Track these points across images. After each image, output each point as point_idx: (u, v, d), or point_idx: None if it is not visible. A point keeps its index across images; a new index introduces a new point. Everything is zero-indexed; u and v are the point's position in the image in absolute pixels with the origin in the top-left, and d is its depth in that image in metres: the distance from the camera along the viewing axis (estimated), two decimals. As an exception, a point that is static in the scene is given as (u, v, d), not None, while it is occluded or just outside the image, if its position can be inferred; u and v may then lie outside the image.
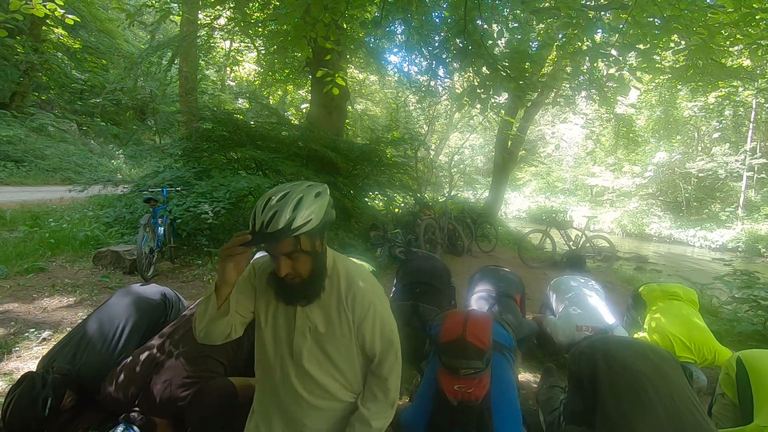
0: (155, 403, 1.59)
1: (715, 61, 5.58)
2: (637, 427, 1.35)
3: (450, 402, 1.47)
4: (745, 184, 17.00)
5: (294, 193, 1.21)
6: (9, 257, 4.08)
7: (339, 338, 1.33)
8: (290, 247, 1.21)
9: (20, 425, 1.51)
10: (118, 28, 16.70)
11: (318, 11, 3.33)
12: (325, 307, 1.33)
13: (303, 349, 1.32)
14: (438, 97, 10.55)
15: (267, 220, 1.18)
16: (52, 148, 12.21)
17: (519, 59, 3.97)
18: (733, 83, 9.32)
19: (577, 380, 1.67)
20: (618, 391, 1.44)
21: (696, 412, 1.39)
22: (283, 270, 1.23)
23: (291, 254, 1.23)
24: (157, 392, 1.59)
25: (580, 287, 2.91)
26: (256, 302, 1.38)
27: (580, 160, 24.67)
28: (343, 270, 1.36)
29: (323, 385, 1.34)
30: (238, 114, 7.36)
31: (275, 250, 1.23)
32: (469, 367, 1.48)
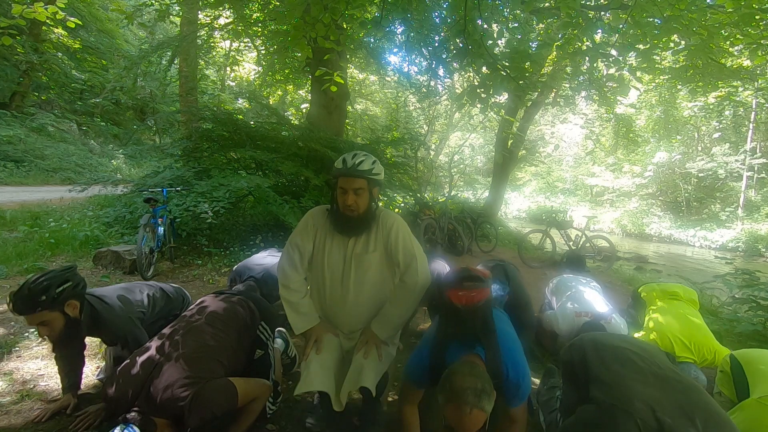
0: (155, 404, 1.59)
1: (715, 61, 5.58)
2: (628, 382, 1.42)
3: (457, 308, 1.64)
4: (745, 184, 17.00)
5: (371, 155, 1.80)
6: (9, 257, 4.08)
7: (377, 264, 1.87)
8: (362, 185, 1.75)
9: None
10: (118, 28, 16.71)
11: (318, 11, 3.33)
12: (367, 237, 1.85)
13: (351, 267, 1.84)
14: (438, 97, 10.56)
15: (357, 162, 1.74)
16: (52, 148, 12.21)
17: (519, 59, 3.96)
18: (733, 83, 9.32)
19: (570, 371, 1.71)
20: (607, 362, 1.53)
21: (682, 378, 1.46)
22: (350, 200, 1.75)
23: (358, 190, 1.75)
24: (157, 393, 1.59)
25: (578, 285, 2.92)
26: (315, 240, 1.89)
27: (580, 160, 24.67)
28: (383, 215, 1.89)
29: (362, 290, 1.87)
30: (238, 114, 7.36)
31: (350, 185, 1.74)
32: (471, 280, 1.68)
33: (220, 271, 4.43)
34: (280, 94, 14.88)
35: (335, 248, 1.87)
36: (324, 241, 1.89)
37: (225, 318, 1.90)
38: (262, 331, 2.01)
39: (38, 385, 2.13)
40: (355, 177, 1.73)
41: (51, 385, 2.13)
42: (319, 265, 1.90)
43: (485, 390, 1.42)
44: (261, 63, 11.41)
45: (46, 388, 2.10)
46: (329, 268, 1.87)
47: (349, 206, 1.76)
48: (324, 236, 1.89)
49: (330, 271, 1.87)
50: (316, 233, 1.90)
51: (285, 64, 9.75)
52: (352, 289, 1.87)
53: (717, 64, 5.71)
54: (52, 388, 2.11)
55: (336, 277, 1.88)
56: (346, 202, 1.75)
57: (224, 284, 4.09)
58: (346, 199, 1.75)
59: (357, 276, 1.85)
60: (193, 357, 1.69)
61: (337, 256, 1.87)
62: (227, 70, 16.93)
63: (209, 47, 11.34)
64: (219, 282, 4.14)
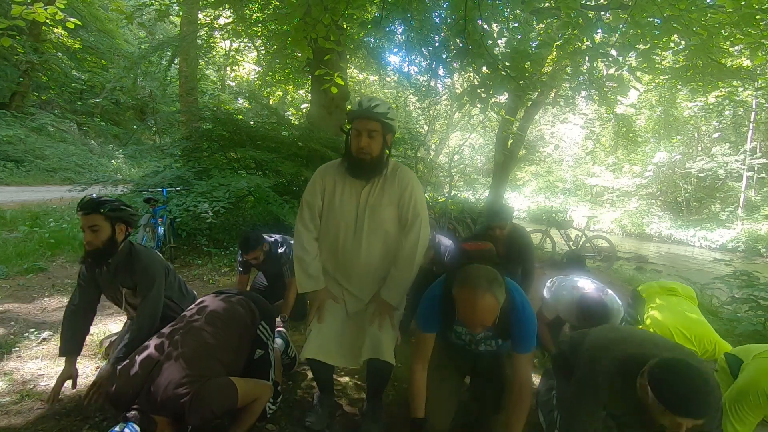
0: (156, 402, 1.59)
1: (715, 61, 5.58)
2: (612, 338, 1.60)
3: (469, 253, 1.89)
4: (745, 184, 16.98)
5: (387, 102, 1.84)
6: (9, 257, 4.08)
7: (391, 219, 1.86)
8: (376, 127, 1.76)
9: None
10: (118, 28, 16.69)
11: (318, 12, 3.32)
12: (382, 190, 1.85)
13: (365, 217, 1.83)
14: (438, 97, 10.55)
15: (373, 105, 1.75)
16: (52, 148, 12.21)
17: (519, 59, 3.96)
18: (733, 83, 9.31)
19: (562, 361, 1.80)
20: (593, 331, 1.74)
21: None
22: (364, 142, 1.76)
23: (372, 133, 1.76)
24: (158, 391, 1.59)
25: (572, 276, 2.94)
26: (326, 193, 1.89)
27: (580, 160, 24.65)
28: (400, 170, 1.90)
29: (375, 242, 1.85)
30: (238, 114, 7.36)
31: (364, 127, 1.75)
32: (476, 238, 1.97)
33: (220, 271, 4.43)
34: (280, 94, 14.88)
35: (348, 197, 1.86)
36: (335, 190, 1.88)
37: (225, 317, 1.89)
38: (262, 331, 2.01)
39: (38, 385, 2.13)
40: (369, 119, 1.74)
41: (51, 385, 2.12)
42: (332, 216, 1.88)
43: (497, 279, 1.57)
44: (261, 63, 11.41)
45: (46, 388, 2.10)
46: (343, 217, 1.86)
47: (362, 148, 1.76)
48: (335, 187, 1.89)
49: (344, 220, 1.86)
50: (325, 187, 1.90)
51: (285, 64, 9.74)
52: (365, 241, 1.84)
53: (717, 64, 5.70)
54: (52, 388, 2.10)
55: (349, 227, 1.86)
56: (360, 144, 1.76)
57: (224, 284, 4.09)
58: (360, 141, 1.76)
59: (370, 227, 1.83)
60: (193, 356, 1.69)
61: (350, 206, 1.86)
62: (227, 70, 16.91)
63: (209, 47, 11.33)
64: (219, 282, 4.14)
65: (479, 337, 1.82)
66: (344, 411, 2.12)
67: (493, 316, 1.56)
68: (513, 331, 1.70)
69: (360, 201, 1.84)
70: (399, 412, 2.16)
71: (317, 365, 1.90)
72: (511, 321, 1.68)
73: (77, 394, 2.06)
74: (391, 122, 1.79)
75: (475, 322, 1.55)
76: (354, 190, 1.86)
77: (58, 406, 1.97)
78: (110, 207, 2.00)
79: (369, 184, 1.84)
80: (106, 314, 3.12)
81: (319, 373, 2.03)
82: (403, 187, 1.85)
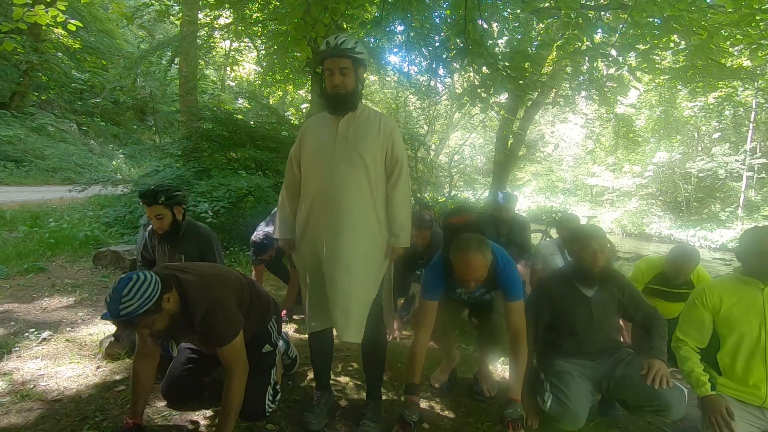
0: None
1: (715, 62, 5.57)
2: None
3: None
4: (745, 184, 16.98)
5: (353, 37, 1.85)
6: (9, 257, 4.08)
7: (370, 143, 1.84)
8: (347, 64, 1.78)
9: None
10: (118, 28, 16.69)
11: (318, 11, 3.32)
12: (362, 125, 1.87)
13: (344, 150, 1.83)
14: (438, 96, 10.54)
15: (340, 42, 1.76)
16: (52, 148, 12.21)
17: (519, 59, 3.96)
18: (733, 83, 9.31)
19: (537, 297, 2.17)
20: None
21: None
22: (337, 79, 1.79)
23: (344, 70, 1.78)
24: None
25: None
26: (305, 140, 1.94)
27: (580, 160, 24.64)
28: (383, 116, 1.94)
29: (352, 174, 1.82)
30: (238, 114, 7.36)
31: (336, 65, 1.77)
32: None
33: (220, 271, 4.43)
34: (280, 94, 14.87)
35: (325, 131, 1.90)
36: (312, 131, 1.95)
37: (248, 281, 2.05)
38: (272, 327, 2.09)
39: (38, 385, 2.13)
40: (339, 57, 1.77)
41: (51, 385, 2.13)
42: (310, 152, 1.91)
43: (484, 242, 1.90)
44: (261, 63, 11.41)
45: (46, 388, 2.10)
46: (320, 149, 1.88)
47: (336, 86, 1.80)
48: (312, 129, 1.96)
49: (321, 151, 1.87)
50: (305, 135, 1.96)
51: (285, 64, 9.74)
52: (341, 170, 1.81)
53: (717, 64, 5.70)
54: (52, 388, 2.11)
55: (325, 157, 1.85)
56: (334, 82, 1.80)
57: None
58: (334, 79, 1.79)
59: (347, 157, 1.82)
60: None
61: (327, 137, 1.88)
62: (227, 70, 16.91)
63: (209, 47, 11.33)
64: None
65: (476, 294, 2.17)
66: (344, 411, 2.12)
67: (484, 271, 1.88)
68: (501, 282, 2.00)
69: (338, 133, 1.86)
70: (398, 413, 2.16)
71: (318, 347, 2.02)
72: (498, 275, 1.99)
73: (77, 394, 2.06)
74: (360, 56, 1.81)
75: (470, 278, 1.86)
76: (331, 124, 1.89)
77: (58, 406, 1.97)
78: (166, 196, 2.39)
79: (345, 116, 1.87)
80: (106, 314, 3.12)
81: (317, 360, 2.06)
82: (385, 130, 1.88)
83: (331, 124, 1.90)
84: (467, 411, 2.22)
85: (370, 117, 1.91)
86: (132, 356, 2.44)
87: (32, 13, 3.55)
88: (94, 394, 2.08)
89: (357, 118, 1.89)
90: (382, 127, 1.88)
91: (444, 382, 2.39)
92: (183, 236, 2.52)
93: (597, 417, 2.27)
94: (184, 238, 2.52)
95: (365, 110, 1.93)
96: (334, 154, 1.84)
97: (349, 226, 1.81)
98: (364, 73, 1.91)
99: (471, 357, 2.85)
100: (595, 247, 1.99)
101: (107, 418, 1.89)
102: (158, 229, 2.44)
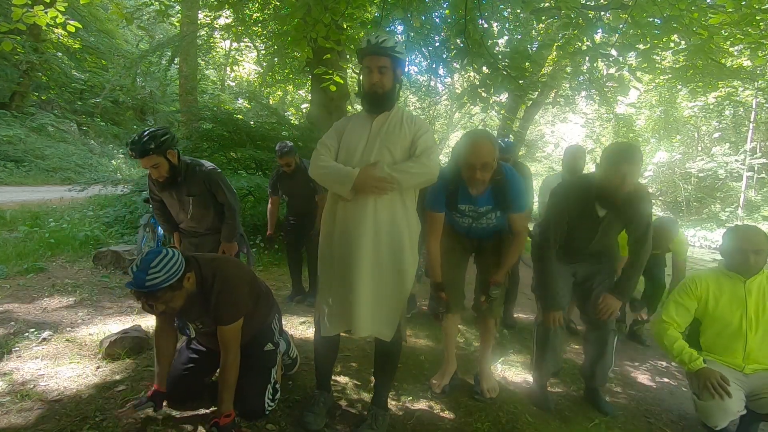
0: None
1: (715, 61, 5.57)
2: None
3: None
4: (745, 184, 16.99)
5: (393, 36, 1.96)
6: (9, 257, 4.08)
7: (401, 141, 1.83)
8: (386, 63, 1.80)
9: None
10: (118, 28, 16.69)
11: (319, 12, 3.32)
12: (393, 123, 1.86)
13: (375, 144, 1.83)
14: (438, 96, 10.55)
15: (381, 41, 1.77)
16: (52, 148, 12.20)
17: (519, 59, 3.96)
18: (733, 83, 9.31)
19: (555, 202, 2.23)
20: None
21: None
22: (375, 78, 1.80)
23: (383, 69, 1.80)
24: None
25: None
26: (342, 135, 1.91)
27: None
28: (409, 113, 1.98)
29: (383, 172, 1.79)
30: (238, 114, 7.35)
31: (375, 63, 1.79)
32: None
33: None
34: (280, 94, 14.88)
35: (360, 128, 1.89)
36: (348, 127, 1.92)
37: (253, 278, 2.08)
38: (274, 326, 2.12)
39: (38, 385, 2.12)
40: (379, 55, 1.79)
41: (51, 385, 2.13)
42: (343, 148, 1.89)
43: (493, 136, 2.07)
44: (261, 63, 11.41)
45: (46, 388, 2.10)
46: (353, 145, 1.85)
47: (375, 84, 1.81)
48: (348, 124, 1.94)
49: (354, 148, 1.85)
50: (341, 130, 1.94)
51: (285, 64, 9.75)
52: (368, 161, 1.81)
53: (717, 64, 5.69)
54: (52, 388, 2.10)
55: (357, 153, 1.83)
56: (372, 80, 1.81)
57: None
58: (372, 77, 1.81)
59: (378, 151, 1.81)
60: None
61: (360, 135, 1.87)
62: (227, 70, 16.92)
63: (209, 47, 11.33)
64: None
65: (482, 210, 2.13)
66: (344, 411, 2.12)
67: (491, 158, 1.95)
68: (508, 194, 2.06)
69: (371, 130, 1.86)
70: (399, 414, 2.16)
71: (324, 348, 2.01)
72: (504, 186, 2.06)
73: (77, 394, 2.06)
74: (399, 56, 1.83)
75: (477, 163, 1.93)
76: (366, 121, 1.90)
77: (58, 406, 1.97)
78: (155, 144, 2.29)
79: (381, 115, 1.87)
80: (106, 314, 3.12)
81: (322, 361, 2.05)
82: (416, 128, 1.88)
83: (365, 122, 1.90)
84: (467, 411, 2.22)
85: (404, 117, 1.90)
86: (132, 356, 2.45)
87: (31, 14, 3.54)
88: (94, 394, 2.07)
89: (391, 117, 1.88)
90: (414, 125, 1.88)
91: (445, 385, 2.39)
92: (186, 179, 2.49)
93: (597, 417, 2.27)
94: (186, 180, 2.49)
95: (400, 111, 1.93)
96: (365, 151, 1.84)
97: (377, 224, 1.78)
98: (402, 74, 1.91)
99: (471, 357, 2.85)
100: (626, 171, 1.94)
101: (107, 418, 1.89)
102: (158, 178, 2.40)
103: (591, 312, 2.23)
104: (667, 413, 2.45)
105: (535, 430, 2.11)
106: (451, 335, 2.46)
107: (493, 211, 2.14)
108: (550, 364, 2.35)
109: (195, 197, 2.52)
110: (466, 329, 3.37)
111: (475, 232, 2.26)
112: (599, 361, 2.31)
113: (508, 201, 2.07)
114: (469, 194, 2.11)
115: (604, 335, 2.28)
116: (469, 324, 3.43)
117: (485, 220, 2.17)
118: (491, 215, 2.15)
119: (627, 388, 2.72)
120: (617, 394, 2.63)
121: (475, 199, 2.12)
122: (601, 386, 2.44)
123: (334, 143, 1.91)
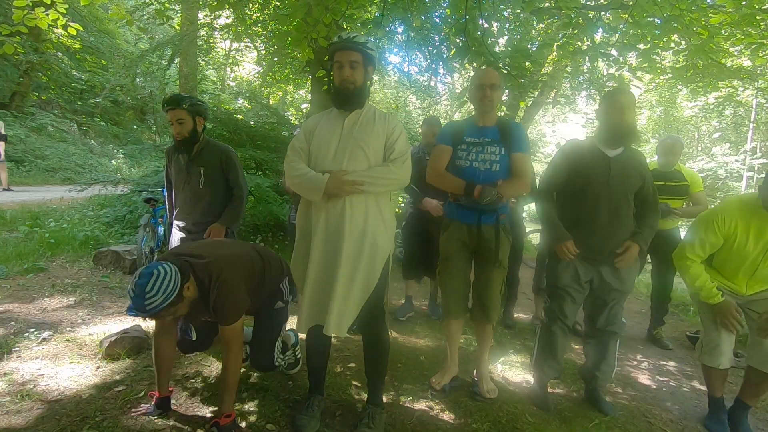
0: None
1: (715, 61, 5.56)
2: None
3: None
4: (745, 184, 16.96)
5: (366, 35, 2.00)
6: (9, 257, 4.07)
7: (374, 140, 1.83)
8: (357, 58, 1.78)
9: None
10: (118, 28, 16.68)
11: (319, 12, 3.32)
12: (370, 123, 1.86)
13: (347, 143, 1.81)
14: (438, 96, 10.55)
15: (353, 36, 1.79)
16: (52, 148, 12.18)
17: (519, 58, 3.96)
18: (733, 83, 9.31)
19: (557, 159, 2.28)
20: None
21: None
22: (346, 72, 1.78)
23: (354, 63, 1.78)
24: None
25: None
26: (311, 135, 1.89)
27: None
28: (389, 115, 1.96)
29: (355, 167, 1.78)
30: (238, 114, 7.35)
31: (347, 57, 1.78)
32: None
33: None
34: (280, 94, 14.87)
35: (331, 125, 1.87)
36: (319, 126, 1.90)
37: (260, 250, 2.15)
38: (284, 286, 2.19)
39: (38, 385, 2.12)
40: (350, 49, 1.77)
41: (51, 385, 2.13)
42: (314, 147, 1.86)
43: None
44: (261, 63, 11.40)
45: (46, 388, 2.10)
46: (324, 143, 1.84)
47: (346, 79, 1.78)
48: (318, 123, 1.92)
49: (325, 146, 1.83)
50: (310, 130, 1.91)
51: (285, 64, 9.73)
52: (345, 164, 1.78)
53: (717, 64, 5.69)
54: (52, 388, 2.10)
55: (329, 152, 1.81)
56: (343, 75, 1.78)
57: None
58: (343, 72, 1.78)
59: (352, 153, 1.79)
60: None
61: (333, 133, 1.84)
62: (227, 70, 16.92)
63: (209, 47, 11.32)
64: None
65: (488, 139, 2.17)
66: (343, 412, 2.12)
67: (498, 80, 2.16)
68: (512, 131, 2.17)
69: (343, 129, 1.84)
70: (399, 414, 2.16)
71: (314, 348, 1.97)
72: (510, 125, 2.20)
73: (77, 394, 2.06)
74: (371, 52, 1.82)
75: (486, 83, 2.12)
76: (338, 120, 1.87)
77: (58, 406, 1.97)
78: (190, 102, 2.47)
79: (353, 113, 1.86)
80: (106, 314, 3.12)
81: (314, 361, 2.02)
82: (389, 127, 1.87)
83: (336, 120, 1.88)
84: (467, 411, 2.22)
85: (376, 115, 1.89)
86: (132, 356, 2.45)
87: (32, 16, 3.54)
88: (94, 394, 2.07)
89: (363, 116, 1.87)
90: (387, 123, 1.87)
91: (445, 384, 2.39)
92: (203, 150, 2.58)
93: (597, 417, 2.27)
94: (203, 151, 2.58)
95: (371, 109, 1.91)
96: (338, 150, 1.81)
97: (353, 225, 1.77)
98: (373, 72, 1.90)
99: (471, 357, 2.85)
100: (624, 102, 2.00)
101: (107, 418, 1.89)
102: (177, 134, 2.48)
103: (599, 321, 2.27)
104: (667, 413, 2.45)
105: (535, 430, 2.11)
106: (454, 339, 2.46)
107: (497, 144, 2.16)
108: (551, 365, 2.34)
109: (206, 170, 2.57)
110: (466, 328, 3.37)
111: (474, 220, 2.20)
112: (601, 364, 2.31)
113: (512, 138, 2.15)
114: (477, 128, 2.21)
115: (606, 338, 2.27)
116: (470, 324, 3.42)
117: (488, 154, 2.16)
118: (495, 149, 2.16)
119: (627, 388, 2.72)
120: (617, 394, 2.63)
121: (481, 130, 2.20)
122: (602, 387, 2.44)
123: (305, 145, 1.89)
